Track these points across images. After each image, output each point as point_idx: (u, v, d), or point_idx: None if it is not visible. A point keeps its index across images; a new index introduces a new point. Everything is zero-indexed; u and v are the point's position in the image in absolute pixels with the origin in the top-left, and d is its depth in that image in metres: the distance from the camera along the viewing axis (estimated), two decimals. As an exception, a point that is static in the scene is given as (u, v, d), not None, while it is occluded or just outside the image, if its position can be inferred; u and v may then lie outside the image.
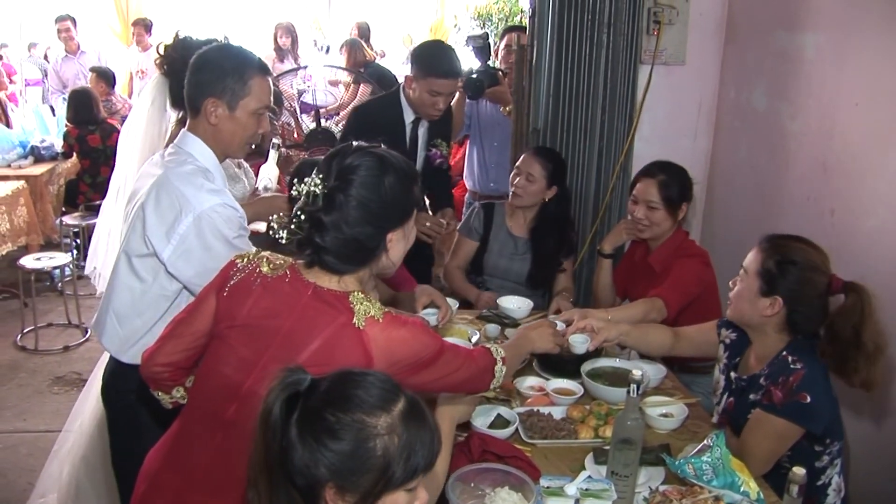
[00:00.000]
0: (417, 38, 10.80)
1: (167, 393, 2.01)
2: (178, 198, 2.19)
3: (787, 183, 3.49)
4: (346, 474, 1.30)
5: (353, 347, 1.67)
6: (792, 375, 2.19)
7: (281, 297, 1.75)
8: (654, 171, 3.14)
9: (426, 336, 1.79)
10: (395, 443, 1.31)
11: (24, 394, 4.64)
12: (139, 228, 2.25)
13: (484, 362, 1.97)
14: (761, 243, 2.33)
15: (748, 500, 2.05)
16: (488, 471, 2.08)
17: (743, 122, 3.89)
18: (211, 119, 2.27)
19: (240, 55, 2.32)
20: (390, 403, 1.34)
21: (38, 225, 6.15)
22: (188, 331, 1.88)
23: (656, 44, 3.92)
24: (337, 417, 1.30)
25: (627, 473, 2.03)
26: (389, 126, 3.55)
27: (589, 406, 2.50)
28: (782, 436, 2.22)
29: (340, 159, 1.74)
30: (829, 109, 3.21)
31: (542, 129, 3.95)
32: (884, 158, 2.89)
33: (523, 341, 2.29)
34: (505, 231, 3.56)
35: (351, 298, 1.72)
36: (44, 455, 3.90)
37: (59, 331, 5.56)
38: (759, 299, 2.28)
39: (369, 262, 1.80)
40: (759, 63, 3.73)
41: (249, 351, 1.75)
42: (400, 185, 1.76)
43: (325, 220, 1.70)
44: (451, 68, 3.38)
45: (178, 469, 1.83)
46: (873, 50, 2.95)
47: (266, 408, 1.35)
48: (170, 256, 2.21)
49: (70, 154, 6.53)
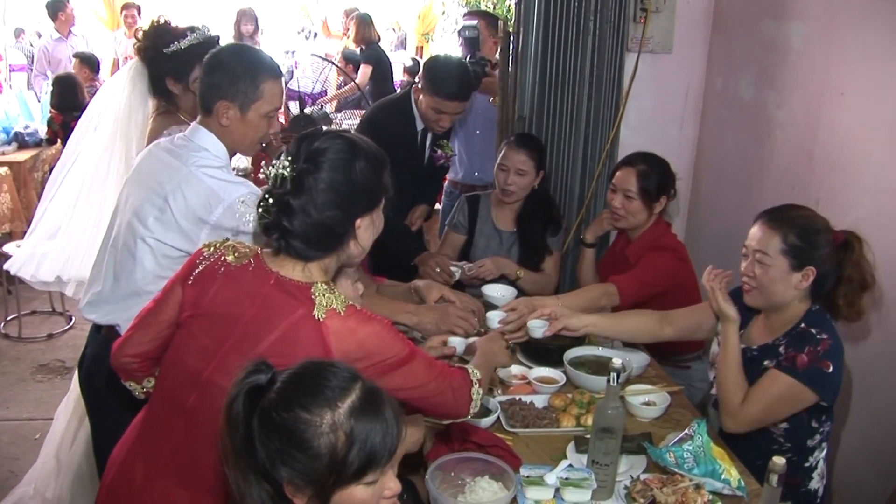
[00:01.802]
0: (406, 26, 10.78)
1: (139, 383, 2.00)
2: (204, 189, 2.20)
3: (773, 172, 3.48)
4: (295, 473, 1.31)
5: (312, 339, 1.64)
6: (819, 345, 2.20)
7: (243, 286, 1.73)
8: (635, 161, 3.12)
9: (393, 336, 1.74)
10: (341, 439, 1.30)
11: (7, 382, 4.61)
12: (159, 220, 2.24)
13: (459, 381, 1.88)
14: (766, 222, 2.31)
15: (729, 488, 2.05)
16: (469, 460, 2.07)
17: (729, 111, 3.88)
18: (222, 121, 2.26)
19: (254, 58, 2.31)
20: (339, 398, 1.33)
21: (22, 212, 6.10)
22: (155, 321, 1.86)
23: (643, 32, 3.90)
24: (282, 418, 1.31)
25: (608, 462, 2.03)
26: (402, 133, 3.51)
27: (571, 395, 2.50)
28: (792, 398, 2.22)
29: (310, 142, 1.71)
30: (815, 99, 3.20)
31: (528, 116, 3.92)
32: (869, 148, 2.89)
33: (490, 356, 2.20)
34: (490, 225, 3.51)
35: (313, 289, 1.69)
36: (26, 443, 3.93)
37: (43, 318, 5.53)
38: (791, 276, 2.26)
39: (336, 249, 1.76)
40: (746, 52, 3.72)
41: (210, 340, 1.73)
42: (370, 169, 1.74)
43: (293, 203, 1.67)
44: (459, 92, 3.32)
45: (143, 457, 1.83)
46: (860, 40, 2.95)
47: (228, 402, 1.35)
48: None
49: (54, 140, 6.46)
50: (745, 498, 2.05)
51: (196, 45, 2.76)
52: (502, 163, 3.36)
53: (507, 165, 3.34)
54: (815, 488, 2.38)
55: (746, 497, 2.06)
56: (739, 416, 2.26)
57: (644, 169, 3.06)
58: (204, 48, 2.72)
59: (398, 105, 3.62)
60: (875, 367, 2.84)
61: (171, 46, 2.75)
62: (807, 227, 2.27)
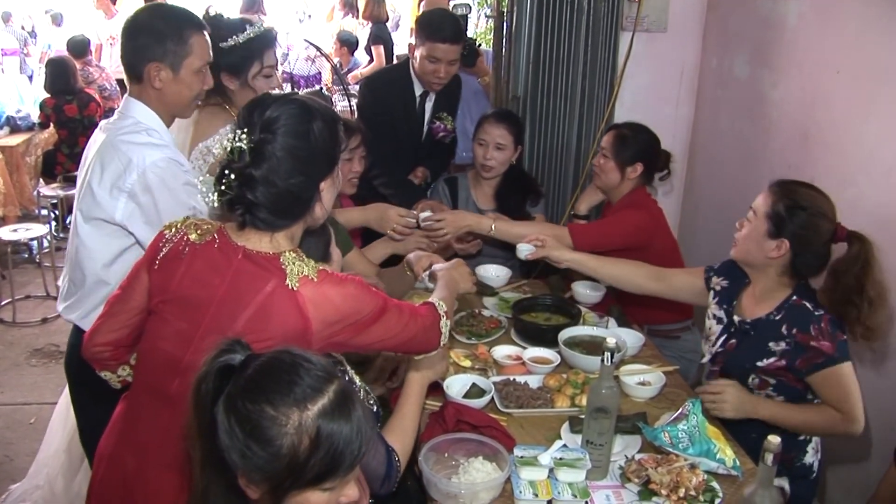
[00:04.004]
0: (401, 7, 10.69)
1: (113, 372, 1.97)
2: (121, 157, 2.16)
3: (768, 151, 3.47)
4: (252, 467, 1.25)
5: (288, 310, 1.62)
6: (822, 321, 2.23)
7: (211, 264, 1.70)
8: (622, 126, 3.19)
9: (366, 293, 1.73)
10: (304, 443, 1.24)
11: (2, 366, 4.60)
12: (88, 197, 2.22)
13: (430, 319, 1.90)
14: (772, 187, 2.34)
15: (724, 468, 2.05)
16: (462, 441, 2.07)
17: (725, 89, 3.86)
18: (155, 84, 2.21)
19: (177, 14, 2.25)
20: (309, 400, 1.26)
21: (16, 196, 6.09)
22: (124, 308, 1.84)
23: (638, 10, 3.87)
24: (247, 409, 1.24)
25: (602, 442, 2.02)
26: (400, 98, 3.53)
27: (566, 375, 2.49)
28: (853, 376, 2.24)
29: (262, 111, 1.66)
30: (810, 78, 3.18)
31: (522, 96, 3.90)
32: (864, 127, 2.87)
33: (453, 285, 2.22)
34: (472, 205, 3.46)
35: (282, 259, 1.66)
36: (21, 427, 3.92)
37: (37, 303, 5.51)
38: (766, 241, 2.29)
39: (304, 215, 1.74)
40: (741, 30, 3.70)
41: (186, 323, 1.70)
42: (327, 130, 1.70)
43: (255, 174, 1.63)
44: (452, 34, 3.32)
45: (133, 448, 1.80)
46: (855, 18, 2.93)
47: (197, 380, 1.31)
48: (121, 216, 2.18)
49: (47, 124, 6.44)
50: (739, 477, 2.05)
51: (254, 38, 2.68)
52: (481, 137, 3.34)
53: (485, 140, 3.32)
54: (810, 462, 2.40)
55: (741, 476, 2.05)
56: (856, 423, 2.25)
57: (625, 132, 3.12)
58: (262, 42, 2.69)
59: (396, 69, 3.70)
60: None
61: (228, 41, 2.63)
62: (799, 203, 2.27)
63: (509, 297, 3.15)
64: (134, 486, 1.78)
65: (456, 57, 3.41)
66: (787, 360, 2.26)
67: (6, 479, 3.45)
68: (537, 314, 2.93)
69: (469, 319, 2.90)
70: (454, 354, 2.58)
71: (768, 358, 2.30)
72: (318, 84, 7.54)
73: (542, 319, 2.89)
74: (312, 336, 1.63)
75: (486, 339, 2.78)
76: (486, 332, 2.83)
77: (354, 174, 2.95)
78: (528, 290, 3.26)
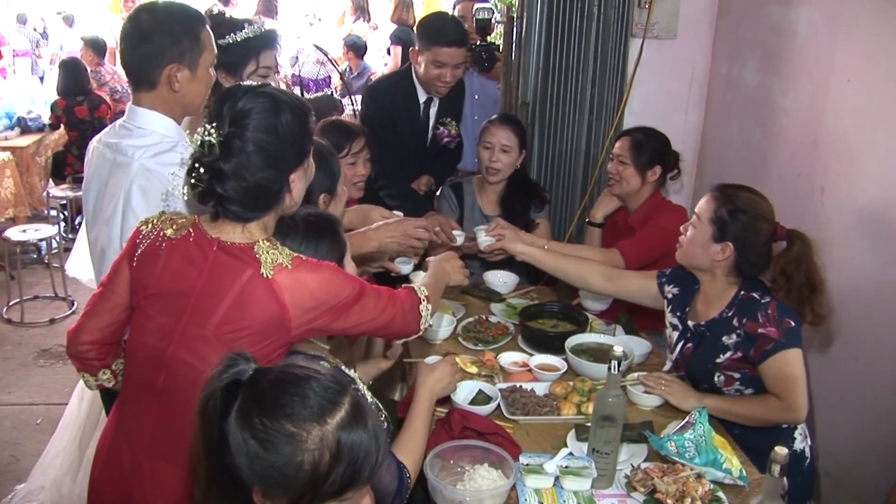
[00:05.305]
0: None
1: (93, 375, 1.98)
2: (165, 182, 2.03)
3: (778, 159, 3.45)
4: (271, 483, 1.23)
5: (265, 299, 1.64)
6: (769, 308, 2.31)
7: (187, 258, 1.72)
8: (633, 131, 3.24)
9: (342, 278, 1.75)
10: (325, 458, 1.22)
11: (9, 367, 4.62)
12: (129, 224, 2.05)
13: (408, 302, 1.93)
14: (713, 192, 2.45)
15: (730, 478, 2.04)
16: (468, 448, 2.06)
17: (734, 97, 3.85)
18: (174, 86, 2.14)
19: (183, 12, 2.19)
20: (327, 414, 1.24)
21: (25, 197, 6.11)
22: (106, 306, 1.86)
23: (648, 17, 3.86)
24: (265, 426, 1.22)
25: (608, 451, 2.02)
26: (403, 104, 3.52)
27: (572, 382, 2.48)
28: (801, 363, 2.28)
29: (231, 104, 1.67)
30: (821, 85, 3.16)
31: (532, 102, 3.90)
32: (875, 136, 2.85)
33: (441, 275, 2.25)
34: (478, 211, 3.47)
35: (256, 248, 1.68)
36: (28, 428, 3.94)
37: (46, 303, 5.53)
38: (711, 245, 2.39)
39: (274, 206, 1.75)
40: (751, 37, 3.68)
41: (167, 317, 1.73)
42: (297, 122, 1.71)
43: (224, 168, 1.64)
44: (455, 37, 3.31)
45: (127, 442, 1.83)
46: (866, 26, 2.91)
47: (204, 397, 1.28)
48: None
49: (57, 125, 6.47)
50: (746, 487, 2.04)
51: (252, 37, 2.66)
52: (486, 140, 3.35)
53: (491, 143, 3.33)
54: (801, 448, 2.41)
55: (748, 487, 2.04)
56: (797, 411, 2.29)
57: (639, 137, 3.17)
58: (260, 41, 2.68)
59: (399, 75, 3.67)
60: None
61: (225, 38, 2.59)
62: (740, 207, 2.37)
63: (516, 303, 3.15)
64: (131, 481, 1.80)
65: (461, 60, 3.41)
66: (742, 350, 2.34)
67: (12, 480, 3.46)
68: (544, 321, 2.93)
69: (476, 326, 2.90)
70: (461, 360, 2.57)
71: (724, 353, 2.37)
72: (327, 88, 7.56)
73: (549, 326, 2.89)
74: (291, 322, 1.67)
75: (492, 346, 2.78)
76: (493, 338, 2.83)
77: (360, 178, 2.93)
78: (536, 297, 3.26)
